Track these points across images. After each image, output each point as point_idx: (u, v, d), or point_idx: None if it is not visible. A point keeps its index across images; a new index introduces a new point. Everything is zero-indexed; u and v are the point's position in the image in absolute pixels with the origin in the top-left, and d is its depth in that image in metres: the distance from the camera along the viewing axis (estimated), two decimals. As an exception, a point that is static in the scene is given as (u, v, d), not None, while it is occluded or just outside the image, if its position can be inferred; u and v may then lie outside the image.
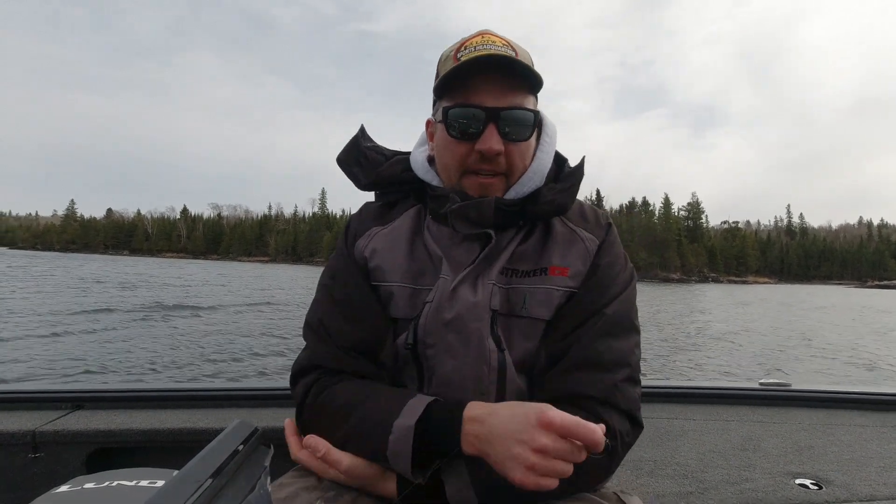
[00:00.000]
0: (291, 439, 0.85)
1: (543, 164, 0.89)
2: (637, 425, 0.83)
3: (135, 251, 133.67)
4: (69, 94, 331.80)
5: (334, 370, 0.86)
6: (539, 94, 0.89)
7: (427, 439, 0.73)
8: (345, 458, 0.77)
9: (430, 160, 0.94)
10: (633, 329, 0.87)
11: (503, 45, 0.83)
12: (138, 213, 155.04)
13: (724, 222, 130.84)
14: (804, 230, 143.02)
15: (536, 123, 0.86)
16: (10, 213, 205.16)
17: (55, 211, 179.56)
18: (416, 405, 0.75)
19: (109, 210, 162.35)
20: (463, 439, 0.72)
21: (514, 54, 0.81)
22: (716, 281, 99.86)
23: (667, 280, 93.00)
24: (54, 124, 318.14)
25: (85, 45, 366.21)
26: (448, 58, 0.85)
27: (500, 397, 0.83)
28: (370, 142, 0.99)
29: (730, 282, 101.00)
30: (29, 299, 17.57)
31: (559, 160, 0.95)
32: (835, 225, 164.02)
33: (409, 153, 0.98)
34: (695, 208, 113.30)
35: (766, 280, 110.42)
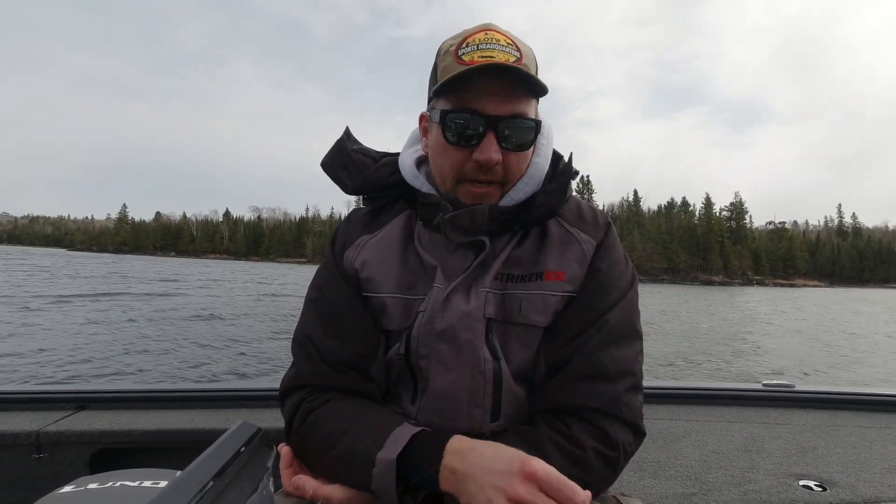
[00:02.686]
0: (285, 472, 0.81)
1: (539, 168, 0.86)
2: (640, 434, 0.81)
3: (181, 253, 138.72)
4: (120, 104, 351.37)
5: (321, 388, 0.84)
6: (570, 95, 0.87)
7: (409, 471, 0.69)
8: (335, 492, 0.75)
9: (420, 163, 0.91)
10: (635, 336, 0.84)
11: (507, 43, 0.78)
12: (184, 216, 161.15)
13: (770, 223, 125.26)
14: (857, 230, 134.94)
15: (538, 132, 0.82)
16: (68, 216, 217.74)
17: (108, 214, 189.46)
18: (401, 436, 0.71)
19: (158, 213, 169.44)
20: (441, 472, 0.67)
21: (518, 56, 0.77)
22: (760, 284, 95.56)
23: (708, 283, 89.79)
24: (107, 132, 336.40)
25: (134, 58, 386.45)
26: (448, 52, 0.80)
27: (496, 408, 0.81)
28: (356, 144, 0.96)
29: (776, 285, 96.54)
30: (33, 299, 17.63)
31: (556, 157, 0.92)
32: (892, 225, 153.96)
33: (397, 155, 0.95)
34: (738, 208, 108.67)
35: (815, 283, 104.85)
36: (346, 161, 0.92)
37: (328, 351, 0.84)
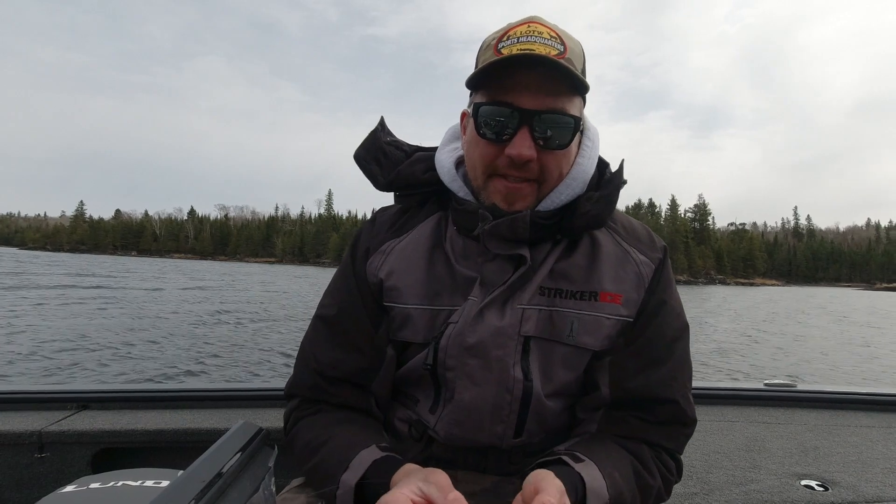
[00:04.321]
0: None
1: (584, 171, 0.80)
2: (681, 471, 0.84)
3: (143, 252, 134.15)
4: (81, 98, 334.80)
5: (313, 399, 0.84)
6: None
7: (369, 493, 0.70)
8: None
9: (458, 164, 0.85)
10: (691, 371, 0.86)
11: (551, 36, 0.73)
12: (146, 214, 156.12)
13: (731, 224, 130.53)
14: (811, 232, 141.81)
15: (577, 130, 0.76)
16: (19, 213, 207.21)
17: (63, 212, 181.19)
18: (364, 460, 0.71)
19: (118, 211, 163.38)
20: None
21: (562, 49, 0.72)
22: (723, 283, 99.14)
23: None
24: (65, 127, 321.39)
25: (100, 51, 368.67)
26: (489, 46, 0.76)
27: (521, 427, 0.80)
28: (390, 136, 0.90)
29: (737, 284, 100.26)
30: (34, 299, 17.59)
31: (601, 165, 0.86)
32: (842, 227, 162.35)
33: (431, 150, 0.89)
34: (701, 210, 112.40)
35: (773, 282, 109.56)
36: (379, 154, 0.88)
37: (327, 364, 0.83)
